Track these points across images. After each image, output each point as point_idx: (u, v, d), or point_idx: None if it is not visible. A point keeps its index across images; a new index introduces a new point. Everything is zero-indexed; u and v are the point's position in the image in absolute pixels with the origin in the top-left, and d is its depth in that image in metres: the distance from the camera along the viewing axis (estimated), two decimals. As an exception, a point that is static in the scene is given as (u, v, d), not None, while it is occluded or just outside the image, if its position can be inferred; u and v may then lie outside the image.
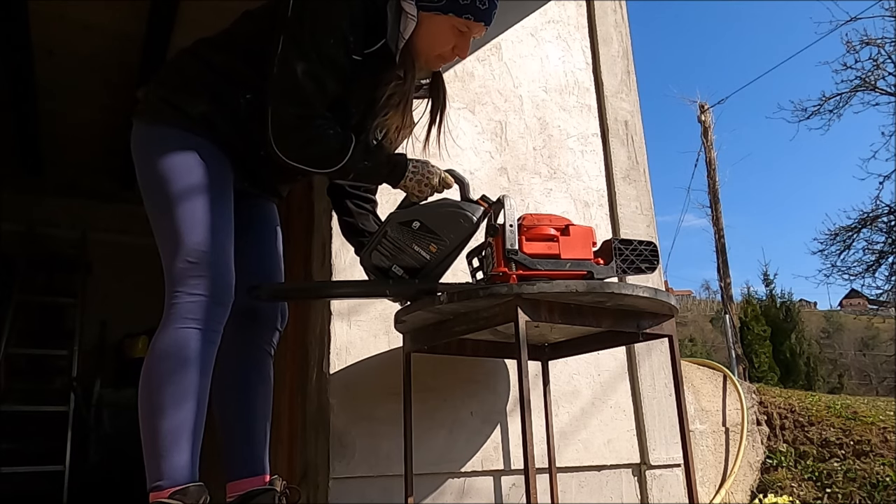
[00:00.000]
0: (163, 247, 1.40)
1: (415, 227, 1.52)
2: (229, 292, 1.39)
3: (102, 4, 3.30)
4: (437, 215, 1.53)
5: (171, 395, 1.27)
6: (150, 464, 1.26)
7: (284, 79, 1.39)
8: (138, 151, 1.48)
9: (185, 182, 1.39)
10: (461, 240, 1.55)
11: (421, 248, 1.53)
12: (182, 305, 1.33)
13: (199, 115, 1.44)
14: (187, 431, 1.27)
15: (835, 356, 28.34)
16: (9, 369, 4.68)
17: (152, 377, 1.30)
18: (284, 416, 2.50)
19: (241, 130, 1.46)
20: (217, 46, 1.52)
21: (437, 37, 1.51)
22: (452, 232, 1.53)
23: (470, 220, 1.52)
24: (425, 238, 1.52)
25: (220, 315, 1.37)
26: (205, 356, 1.33)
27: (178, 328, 1.31)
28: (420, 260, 1.54)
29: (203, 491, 1.26)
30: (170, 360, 1.30)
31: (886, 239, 13.32)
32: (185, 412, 1.27)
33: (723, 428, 2.85)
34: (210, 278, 1.35)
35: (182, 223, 1.37)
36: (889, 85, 13.03)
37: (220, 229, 1.40)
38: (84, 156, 4.81)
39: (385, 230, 1.55)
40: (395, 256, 1.55)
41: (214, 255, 1.37)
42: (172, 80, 1.49)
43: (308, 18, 1.40)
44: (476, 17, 1.49)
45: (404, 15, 1.48)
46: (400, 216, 1.55)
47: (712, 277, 63.50)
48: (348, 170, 1.45)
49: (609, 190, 2.51)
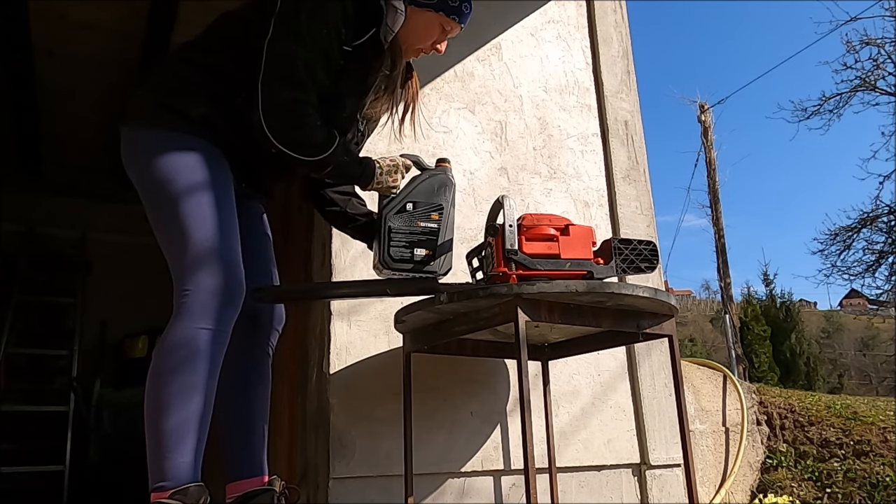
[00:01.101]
0: (169, 247, 1.39)
1: (409, 208, 1.62)
2: (241, 290, 1.38)
3: (102, 4, 3.30)
4: (422, 189, 1.65)
5: (178, 392, 1.27)
6: (153, 463, 1.25)
7: (282, 62, 1.41)
8: (137, 156, 1.47)
9: (189, 181, 1.39)
10: (452, 197, 1.67)
11: (427, 222, 1.63)
12: (192, 304, 1.31)
13: (200, 116, 1.44)
14: (192, 430, 1.26)
15: (835, 356, 28.35)
16: (9, 369, 4.68)
17: (160, 373, 1.29)
18: (284, 416, 2.50)
19: (239, 130, 1.46)
20: (206, 49, 1.52)
21: (423, 31, 1.59)
22: (442, 194, 1.65)
23: (448, 179, 1.67)
24: (425, 211, 1.63)
25: (230, 314, 1.36)
26: (214, 356, 1.32)
27: (188, 327, 1.30)
28: (433, 231, 1.63)
29: (203, 491, 1.26)
30: (178, 356, 1.28)
31: (886, 239, 13.32)
32: (190, 410, 1.27)
33: (723, 428, 2.85)
34: (221, 275, 1.34)
35: (189, 221, 1.36)
36: (889, 85, 13.04)
37: (227, 227, 1.40)
38: (84, 156, 4.81)
39: (388, 226, 1.61)
40: (411, 242, 1.63)
41: (224, 252, 1.36)
42: (166, 84, 1.49)
43: (304, 9, 1.43)
44: (460, 20, 1.59)
45: (392, 9, 1.54)
46: (392, 208, 1.62)
47: (712, 277, 63.49)
48: (328, 162, 1.47)
49: (609, 190, 2.51)
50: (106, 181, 5.09)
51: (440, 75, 2.32)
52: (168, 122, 1.43)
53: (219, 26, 1.55)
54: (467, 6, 1.58)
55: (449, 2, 1.55)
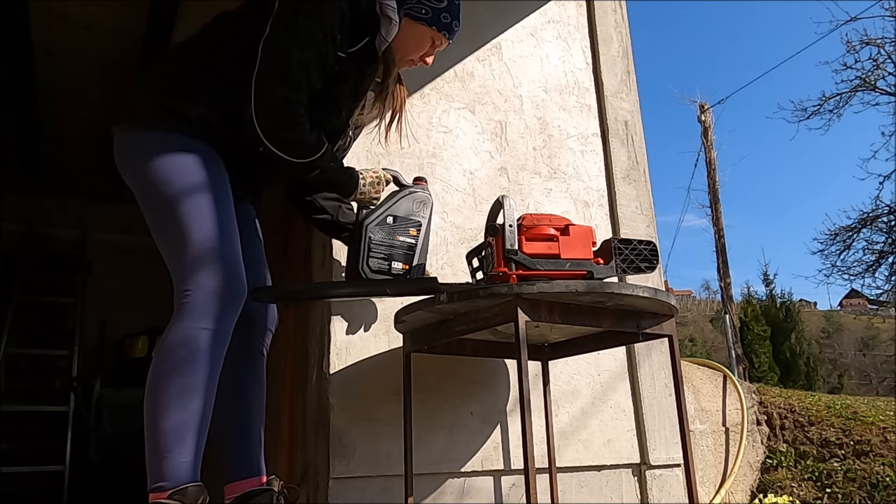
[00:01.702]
0: (169, 248, 1.38)
1: (389, 222, 1.69)
2: (243, 290, 1.38)
3: (102, 4, 3.30)
4: (402, 205, 1.71)
5: (178, 393, 1.26)
6: (152, 463, 1.25)
7: (278, 59, 1.42)
8: (133, 157, 1.46)
9: (189, 181, 1.39)
10: (429, 214, 1.75)
11: (405, 237, 1.70)
12: (192, 304, 1.31)
13: (199, 118, 1.44)
14: (192, 430, 1.26)
15: (835, 356, 28.34)
16: (9, 369, 4.68)
17: (160, 373, 1.29)
18: (284, 416, 2.50)
19: (238, 131, 1.46)
20: (204, 50, 1.52)
21: (415, 43, 1.66)
22: (421, 211, 1.72)
23: (427, 197, 1.75)
24: (404, 226, 1.70)
25: (231, 315, 1.35)
26: (214, 357, 1.31)
27: (189, 327, 1.30)
28: (410, 246, 1.70)
29: (202, 491, 1.25)
30: (179, 356, 1.28)
31: (886, 239, 13.32)
32: (190, 411, 1.26)
33: (723, 428, 2.85)
34: (222, 275, 1.34)
35: (189, 221, 1.36)
36: (889, 85, 13.04)
37: (227, 227, 1.40)
38: (84, 156, 4.80)
39: (368, 237, 1.66)
40: (389, 255, 1.69)
41: (226, 252, 1.36)
42: (163, 86, 1.48)
43: (303, 10, 1.45)
44: (449, 35, 1.68)
45: (387, 19, 1.58)
46: (373, 220, 1.68)
47: (712, 277, 63.49)
48: (316, 166, 1.49)
49: (609, 190, 2.51)
50: (106, 181, 5.07)
51: (440, 75, 2.32)
52: (166, 124, 1.43)
53: (216, 26, 1.55)
54: (457, 24, 1.67)
55: (441, 18, 1.62)
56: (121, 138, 1.49)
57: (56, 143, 4.61)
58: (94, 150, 4.69)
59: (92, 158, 4.82)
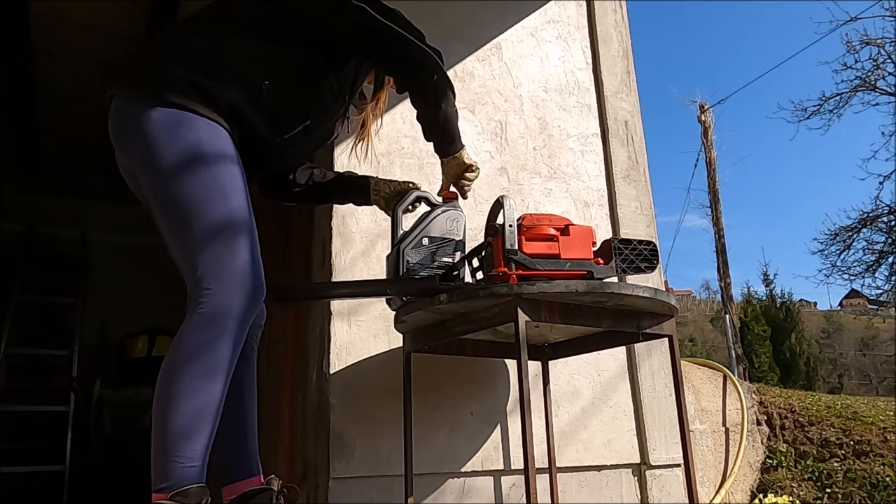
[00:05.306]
0: (187, 237, 1.30)
1: (425, 243, 1.65)
2: (262, 291, 1.34)
3: (102, 4, 3.30)
4: (436, 224, 1.67)
5: (188, 395, 1.23)
6: (157, 463, 1.22)
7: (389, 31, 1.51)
8: (155, 131, 1.34)
9: (216, 173, 1.33)
10: (463, 230, 1.71)
11: (444, 257, 1.66)
12: (214, 304, 1.25)
13: (228, 104, 1.38)
14: (200, 432, 1.22)
15: (835, 356, 28.33)
16: (9, 369, 4.67)
17: (171, 375, 1.24)
18: (284, 416, 2.50)
19: (264, 117, 1.44)
20: (222, 31, 1.46)
21: None
22: (455, 228, 1.69)
23: (459, 214, 1.71)
24: (441, 246, 1.66)
25: (251, 317, 1.31)
26: (231, 361, 1.27)
27: (208, 329, 1.25)
28: (447, 265, 1.66)
29: (204, 492, 1.25)
30: (192, 357, 1.24)
31: (886, 239, 13.33)
32: (200, 414, 1.23)
33: (723, 428, 2.84)
34: (248, 275, 1.29)
35: (217, 216, 1.29)
36: (889, 85, 13.06)
37: (252, 224, 1.35)
38: (84, 155, 4.80)
39: (406, 260, 1.63)
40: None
41: (254, 251, 1.32)
42: (194, 62, 1.39)
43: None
44: None
45: None
46: (408, 243, 1.65)
47: (712, 277, 63.45)
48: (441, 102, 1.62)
49: (609, 190, 2.51)
50: (105, 181, 5.09)
51: (440, 75, 2.32)
52: (196, 105, 1.34)
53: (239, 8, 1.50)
54: None
55: None
56: (131, 106, 1.40)
57: (56, 142, 4.60)
58: (95, 150, 4.69)
59: (92, 158, 4.82)
